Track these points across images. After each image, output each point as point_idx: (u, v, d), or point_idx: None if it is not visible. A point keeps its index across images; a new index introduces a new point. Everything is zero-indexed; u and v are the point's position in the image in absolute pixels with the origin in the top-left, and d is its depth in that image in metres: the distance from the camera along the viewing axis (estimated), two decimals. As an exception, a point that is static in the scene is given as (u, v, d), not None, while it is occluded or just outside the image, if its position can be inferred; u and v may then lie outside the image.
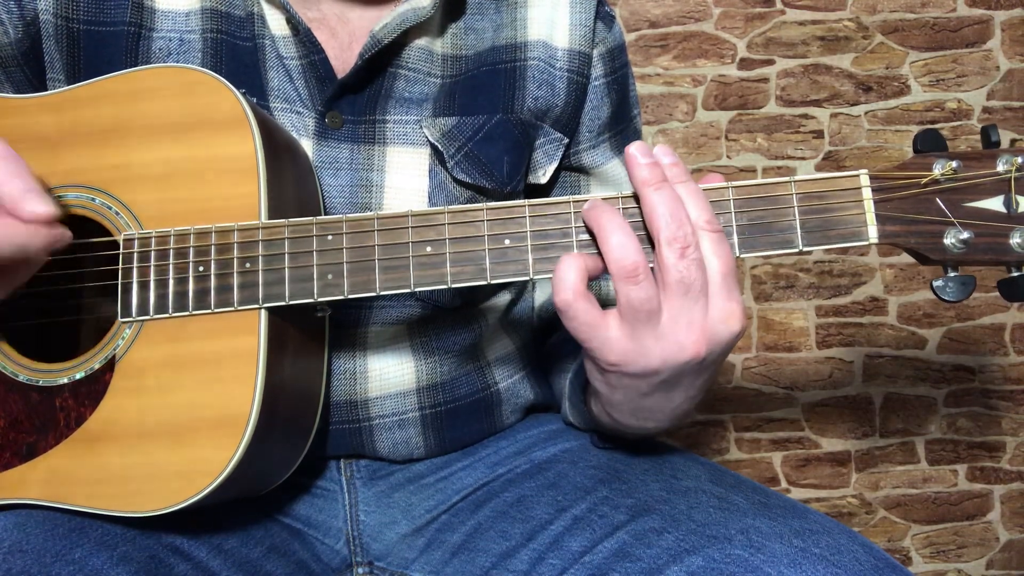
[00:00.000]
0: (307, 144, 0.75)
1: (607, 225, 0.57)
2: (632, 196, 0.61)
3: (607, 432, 0.76)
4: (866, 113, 1.76)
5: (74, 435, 0.63)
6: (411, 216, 0.63)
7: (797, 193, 0.60)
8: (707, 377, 0.62)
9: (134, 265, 0.65)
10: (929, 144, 0.61)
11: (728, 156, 1.76)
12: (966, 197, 0.60)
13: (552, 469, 0.78)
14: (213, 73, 0.67)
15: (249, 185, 0.65)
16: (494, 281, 0.62)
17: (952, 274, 0.61)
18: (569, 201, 0.61)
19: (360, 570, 0.81)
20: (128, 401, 0.63)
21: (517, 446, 0.84)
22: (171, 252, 0.64)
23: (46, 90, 0.75)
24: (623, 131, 0.89)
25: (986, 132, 0.61)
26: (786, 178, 0.61)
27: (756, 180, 0.61)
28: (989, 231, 0.60)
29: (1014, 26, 1.76)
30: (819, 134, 1.76)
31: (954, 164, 0.59)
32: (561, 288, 0.57)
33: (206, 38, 0.75)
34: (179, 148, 0.66)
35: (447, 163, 0.77)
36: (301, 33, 0.74)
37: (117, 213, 0.66)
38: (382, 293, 0.63)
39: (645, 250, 0.58)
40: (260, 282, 0.64)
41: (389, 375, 0.80)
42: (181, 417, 0.62)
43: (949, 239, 0.60)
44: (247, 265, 0.64)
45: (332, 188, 0.76)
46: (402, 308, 0.78)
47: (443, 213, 0.63)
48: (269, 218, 0.65)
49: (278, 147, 0.68)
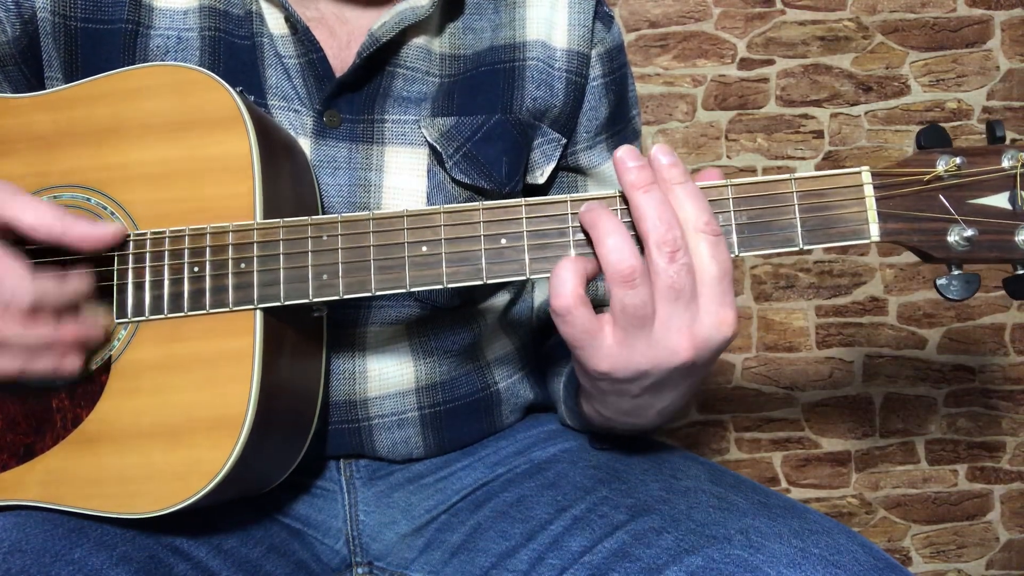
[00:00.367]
0: (305, 143, 0.75)
1: (603, 228, 0.57)
2: (629, 196, 0.60)
3: (599, 430, 0.76)
4: (866, 113, 1.76)
5: (71, 436, 0.63)
6: (407, 216, 0.62)
7: (797, 191, 0.60)
8: (697, 378, 0.62)
9: (129, 266, 0.64)
10: (933, 140, 0.60)
11: (728, 156, 1.75)
12: (970, 194, 0.59)
13: (552, 469, 0.78)
14: (209, 72, 0.66)
15: (244, 184, 0.64)
16: (490, 281, 0.61)
17: (956, 272, 0.60)
18: (566, 200, 0.61)
19: (359, 570, 0.81)
20: (124, 402, 0.63)
21: (517, 446, 0.84)
22: (166, 252, 0.64)
23: (44, 89, 0.75)
24: (621, 131, 0.88)
25: (991, 127, 0.59)
26: (786, 176, 0.60)
27: (756, 178, 0.60)
28: (994, 228, 0.58)
29: (1014, 26, 1.76)
30: (819, 134, 1.76)
31: (958, 160, 0.58)
32: (560, 293, 0.56)
33: (204, 36, 0.75)
34: (175, 147, 0.65)
35: (445, 163, 0.77)
36: (299, 32, 0.73)
37: (112, 213, 0.65)
38: (377, 293, 0.62)
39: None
40: (255, 282, 0.63)
41: (388, 375, 0.79)
42: (178, 418, 0.62)
43: (953, 237, 0.59)
44: (242, 265, 0.63)
45: (330, 187, 0.75)
46: (401, 308, 0.78)
47: (439, 213, 0.62)
48: (265, 218, 0.64)
49: (274, 146, 0.68)
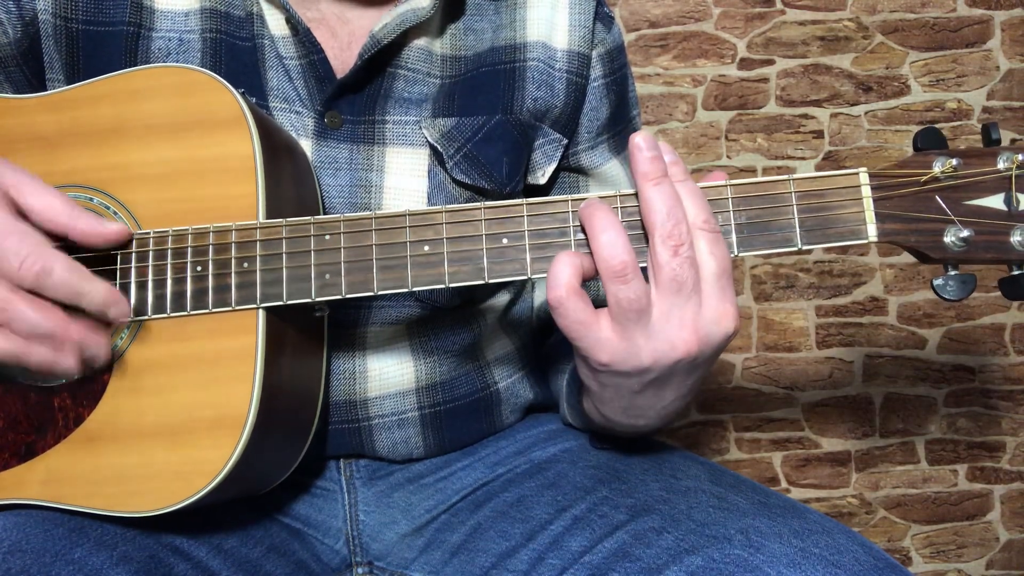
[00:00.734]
0: (306, 144, 0.75)
1: (597, 223, 0.57)
2: (631, 195, 0.61)
3: (599, 431, 0.76)
4: (866, 113, 1.76)
5: (73, 435, 0.63)
6: (408, 216, 0.63)
7: (796, 191, 0.60)
8: (698, 376, 0.62)
9: (132, 265, 0.64)
10: (929, 142, 0.61)
11: (728, 156, 1.75)
12: (966, 195, 0.60)
13: (552, 469, 0.78)
14: (212, 73, 0.66)
15: (247, 185, 0.64)
16: (492, 280, 0.62)
17: (952, 272, 0.61)
18: (567, 200, 0.61)
19: (360, 570, 0.81)
20: (126, 401, 0.63)
21: (517, 446, 0.84)
22: (169, 252, 0.64)
23: (45, 90, 0.75)
24: (622, 132, 0.88)
25: (987, 130, 0.60)
26: (785, 176, 0.60)
27: (755, 179, 0.61)
28: (990, 229, 0.59)
29: (1014, 26, 1.76)
30: (819, 134, 1.76)
31: (954, 162, 0.59)
32: (554, 284, 0.57)
33: (205, 38, 0.75)
34: (177, 148, 0.66)
35: (446, 164, 0.77)
36: (300, 33, 0.74)
37: (115, 213, 0.66)
38: (380, 293, 0.63)
39: (639, 248, 0.58)
40: (258, 282, 0.63)
41: (388, 375, 0.80)
42: (179, 417, 0.62)
43: (949, 237, 0.60)
44: (245, 265, 0.64)
45: (331, 188, 0.76)
46: (401, 308, 0.78)
47: (441, 212, 0.62)
48: (267, 218, 0.64)
49: (277, 147, 0.68)
